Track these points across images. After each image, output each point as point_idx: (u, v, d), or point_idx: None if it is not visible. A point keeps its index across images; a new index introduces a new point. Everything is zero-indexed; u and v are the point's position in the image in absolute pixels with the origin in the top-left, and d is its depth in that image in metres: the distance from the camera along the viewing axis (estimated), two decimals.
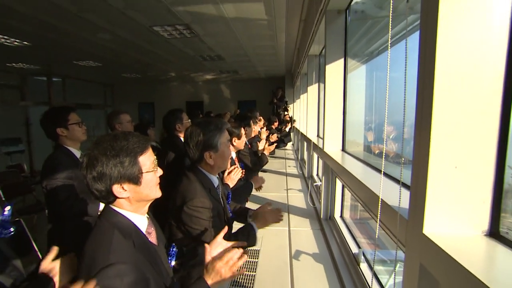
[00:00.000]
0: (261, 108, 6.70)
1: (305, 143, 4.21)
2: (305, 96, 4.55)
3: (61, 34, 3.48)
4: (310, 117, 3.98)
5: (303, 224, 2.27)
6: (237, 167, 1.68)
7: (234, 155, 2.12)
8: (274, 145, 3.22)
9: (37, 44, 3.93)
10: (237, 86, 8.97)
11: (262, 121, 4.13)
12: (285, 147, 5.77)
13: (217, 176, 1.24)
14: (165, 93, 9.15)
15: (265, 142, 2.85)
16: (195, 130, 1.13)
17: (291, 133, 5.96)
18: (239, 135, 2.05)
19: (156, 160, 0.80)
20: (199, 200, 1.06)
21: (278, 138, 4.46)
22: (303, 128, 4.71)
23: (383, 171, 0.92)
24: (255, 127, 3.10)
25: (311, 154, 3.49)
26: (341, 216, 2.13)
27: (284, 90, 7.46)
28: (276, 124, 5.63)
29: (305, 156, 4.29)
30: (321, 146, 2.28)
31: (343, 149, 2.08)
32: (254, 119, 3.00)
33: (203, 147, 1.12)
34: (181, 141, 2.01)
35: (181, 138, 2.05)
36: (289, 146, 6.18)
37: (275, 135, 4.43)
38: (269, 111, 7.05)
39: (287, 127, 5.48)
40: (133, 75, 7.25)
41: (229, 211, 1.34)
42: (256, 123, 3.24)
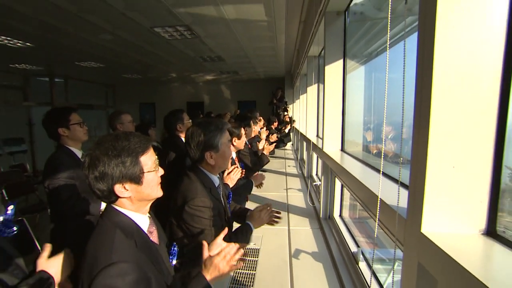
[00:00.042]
0: (261, 108, 6.71)
1: (304, 143, 4.21)
2: (304, 97, 4.56)
3: (63, 35, 3.49)
4: (310, 117, 3.98)
5: (302, 223, 2.27)
6: (237, 167, 1.69)
7: (234, 155, 2.13)
8: (274, 144, 3.23)
9: (39, 45, 3.94)
10: (237, 86, 8.99)
11: (262, 121, 4.14)
12: (285, 147, 5.79)
13: (218, 176, 1.25)
14: (166, 93, 9.18)
15: (265, 142, 2.86)
16: (196, 131, 1.14)
17: (291, 133, 5.98)
18: (239, 135, 2.06)
19: (158, 160, 0.81)
20: (200, 200, 1.06)
21: (277, 138, 4.47)
22: (302, 128, 4.72)
23: (382, 171, 0.92)
24: (255, 127, 3.11)
25: (310, 154, 3.49)
26: (340, 216, 2.14)
27: (283, 90, 7.47)
28: (276, 124, 5.64)
29: (304, 156, 4.29)
30: (320, 146, 2.29)
31: (342, 149, 2.09)
32: (254, 119, 3.01)
33: (204, 147, 1.13)
34: (182, 141, 2.01)
35: (182, 138, 2.05)
36: (288, 146, 6.18)
37: (275, 135, 4.45)
38: (269, 112, 7.06)
39: (287, 129, 5.49)
40: (134, 76, 7.26)
41: (229, 211, 1.34)
42: (256, 123, 3.25)
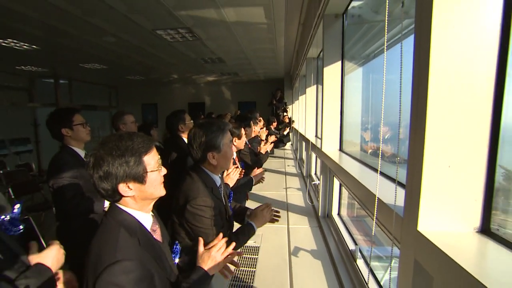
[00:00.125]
0: (261, 109, 6.72)
1: (303, 143, 4.23)
2: (303, 98, 4.58)
3: (67, 38, 3.53)
4: (309, 118, 4.00)
5: (301, 221, 2.29)
6: (237, 167, 1.71)
7: (234, 155, 2.14)
8: (272, 144, 3.26)
9: (44, 48, 3.99)
10: (237, 87, 9.02)
11: (262, 121, 4.15)
12: (284, 147, 5.81)
13: (219, 176, 1.27)
14: (167, 94, 9.22)
15: (264, 142, 2.87)
16: (198, 132, 1.14)
17: (290, 134, 5.99)
18: (239, 135, 2.07)
19: (160, 160, 0.82)
20: (201, 199, 1.08)
21: (276, 139, 4.49)
22: (301, 129, 4.74)
23: (379, 170, 0.94)
24: (255, 128, 3.13)
25: (309, 154, 3.51)
26: (339, 214, 2.16)
27: (283, 91, 7.49)
28: (275, 124, 5.66)
29: (303, 156, 4.31)
30: (319, 146, 2.31)
31: (340, 149, 2.11)
32: (254, 119, 3.03)
33: (206, 147, 1.13)
34: (184, 141, 2.02)
35: (183, 139, 2.05)
36: (288, 146, 6.21)
37: (273, 136, 4.47)
38: (269, 112, 7.07)
39: (286, 131, 5.52)
40: (137, 77, 7.30)
41: (231, 210, 1.36)
42: (256, 123, 3.27)
